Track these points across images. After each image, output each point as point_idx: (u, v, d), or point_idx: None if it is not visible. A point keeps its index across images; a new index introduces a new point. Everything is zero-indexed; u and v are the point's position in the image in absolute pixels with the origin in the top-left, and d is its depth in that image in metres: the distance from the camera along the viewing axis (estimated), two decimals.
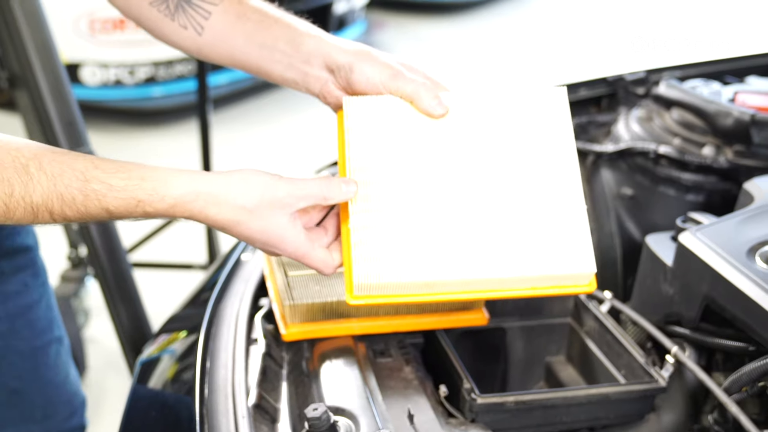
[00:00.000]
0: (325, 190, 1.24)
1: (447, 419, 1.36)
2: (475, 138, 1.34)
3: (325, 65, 1.39)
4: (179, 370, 1.61)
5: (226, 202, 1.19)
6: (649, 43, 7.92)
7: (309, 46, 1.40)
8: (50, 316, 1.90)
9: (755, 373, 1.36)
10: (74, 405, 2.00)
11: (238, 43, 1.43)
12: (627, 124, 2.17)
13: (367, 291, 1.27)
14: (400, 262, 1.26)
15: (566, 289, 1.31)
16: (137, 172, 1.17)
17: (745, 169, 1.93)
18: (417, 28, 8.70)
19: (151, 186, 1.17)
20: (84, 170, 1.15)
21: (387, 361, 1.47)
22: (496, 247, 1.27)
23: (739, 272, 1.41)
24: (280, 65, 1.42)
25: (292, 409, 1.37)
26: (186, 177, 1.19)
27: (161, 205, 1.17)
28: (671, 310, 1.59)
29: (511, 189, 1.31)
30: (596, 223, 2.17)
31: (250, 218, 1.20)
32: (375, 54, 1.38)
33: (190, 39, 1.47)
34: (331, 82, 1.40)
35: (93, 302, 3.56)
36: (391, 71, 1.35)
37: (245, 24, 1.43)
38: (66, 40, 5.36)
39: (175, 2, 1.45)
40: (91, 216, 1.16)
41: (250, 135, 5.91)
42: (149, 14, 1.48)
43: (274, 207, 1.21)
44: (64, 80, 2.43)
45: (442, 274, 1.26)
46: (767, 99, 2.04)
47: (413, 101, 1.34)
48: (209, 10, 1.44)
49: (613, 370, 1.57)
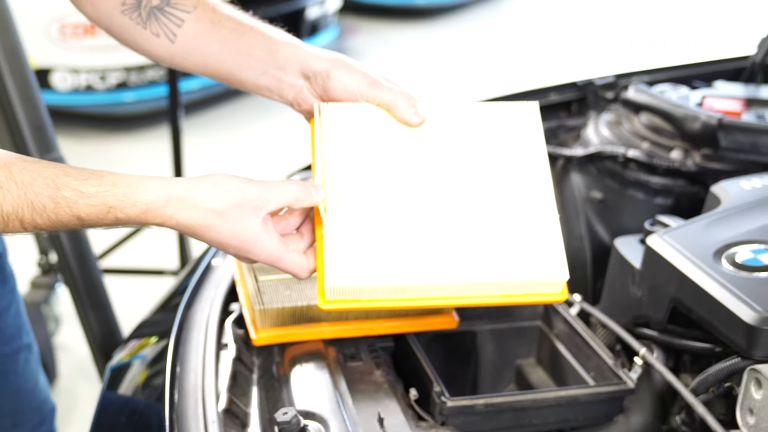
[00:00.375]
0: (296, 192, 1.24)
1: (417, 422, 1.37)
2: (449, 148, 1.35)
3: (301, 72, 1.39)
4: (150, 376, 1.61)
5: (196, 206, 1.19)
6: (619, 47, 7.97)
7: (284, 53, 1.40)
8: (19, 323, 1.89)
9: (721, 373, 1.37)
10: (44, 412, 1.99)
11: (213, 50, 1.43)
12: (596, 128, 2.19)
13: (339, 295, 1.27)
14: (373, 267, 1.26)
15: (538, 297, 1.32)
16: (108, 178, 1.17)
17: (712, 173, 1.95)
18: (390, 33, 8.71)
19: (122, 192, 1.16)
20: (54, 178, 1.14)
21: (357, 364, 1.47)
22: (469, 252, 1.27)
23: (705, 274, 1.42)
24: (255, 72, 1.41)
25: (262, 414, 1.37)
26: (157, 182, 1.19)
27: (133, 211, 1.17)
28: (639, 312, 1.60)
29: (484, 197, 1.32)
30: (566, 227, 2.18)
31: (221, 222, 1.20)
32: (351, 62, 1.38)
33: (162, 47, 1.46)
34: (307, 89, 1.40)
35: (63, 309, 3.54)
36: (368, 79, 1.36)
37: (219, 32, 1.43)
38: (37, 45, 5.33)
39: (147, 10, 1.44)
40: (62, 224, 1.16)
41: (221, 140, 5.89)
42: (120, 22, 1.47)
43: (245, 209, 1.21)
44: (33, 85, 2.41)
45: (415, 279, 1.26)
46: (734, 103, 2.06)
47: (390, 109, 1.35)
48: (182, 18, 1.44)
49: (583, 372, 1.58)
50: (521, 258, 1.28)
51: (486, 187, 1.32)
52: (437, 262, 1.26)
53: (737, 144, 1.92)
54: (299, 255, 1.28)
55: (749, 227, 1.54)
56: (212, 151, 5.68)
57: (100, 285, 2.62)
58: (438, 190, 1.31)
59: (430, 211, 1.29)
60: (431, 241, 1.27)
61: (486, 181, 1.33)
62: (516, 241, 1.29)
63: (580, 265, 2.12)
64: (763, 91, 2.18)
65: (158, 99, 5.69)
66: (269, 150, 5.74)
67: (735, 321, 1.33)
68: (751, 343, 1.31)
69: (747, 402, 1.29)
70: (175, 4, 1.44)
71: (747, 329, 1.31)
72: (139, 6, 1.45)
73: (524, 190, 1.33)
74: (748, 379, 1.28)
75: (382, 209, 1.29)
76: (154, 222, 1.19)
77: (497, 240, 1.29)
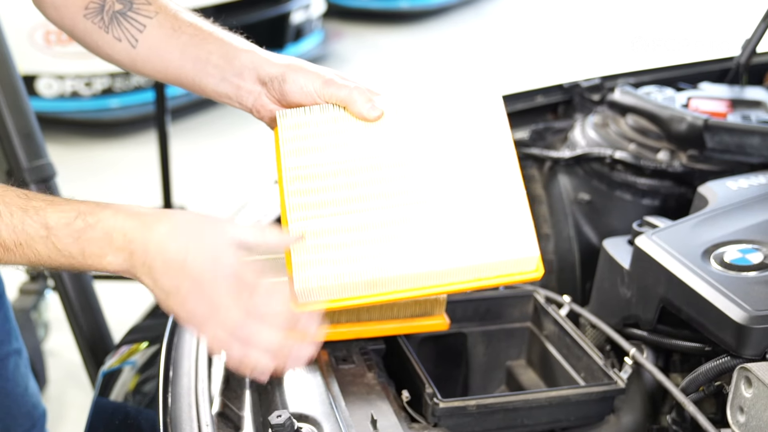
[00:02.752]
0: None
1: (410, 424, 1.38)
2: (410, 138, 1.34)
3: (258, 78, 1.39)
4: (141, 381, 1.61)
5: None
6: (603, 49, 8.00)
7: (242, 59, 1.40)
8: (8, 328, 1.88)
9: (711, 372, 1.38)
10: (34, 417, 1.98)
11: (173, 56, 1.43)
12: (583, 130, 2.20)
13: (310, 296, 1.26)
14: (341, 264, 1.26)
15: (513, 276, 1.30)
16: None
17: (699, 173, 1.96)
18: (374, 37, 8.72)
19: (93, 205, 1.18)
20: (26, 193, 1.17)
21: (349, 367, 1.47)
22: (437, 239, 1.27)
23: (694, 274, 1.43)
24: (214, 79, 1.42)
25: (255, 417, 1.38)
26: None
27: (104, 213, 1.16)
28: (629, 312, 1.61)
29: (449, 183, 1.31)
30: (554, 229, 2.19)
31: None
32: (306, 65, 1.39)
33: (124, 51, 1.46)
34: (265, 95, 1.40)
35: (52, 315, 3.53)
36: (323, 79, 1.36)
37: (180, 37, 1.43)
38: (21, 51, 5.30)
39: (109, 14, 1.45)
40: (27, 234, 1.15)
41: (209, 145, 5.89)
42: (83, 26, 1.48)
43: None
44: (21, 92, 2.41)
45: (384, 271, 1.26)
46: (720, 104, 2.07)
47: (347, 106, 1.35)
48: (144, 23, 1.44)
49: (573, 372, 1.59)
50: (490, 240, 1.27)
51: (450, 172, 1.32)
52: (406, 252, 1.26)
53: (723, 145, 1.93)
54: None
55: (737, 227, 1.55)
56: (199, 156, 5.67)
57: (90, 290, 2.62)
58: (401, 182, 1.30)
59: (395, 203, 1.29)
60: (398, 233, 1.27)
61: (450, 167, 1.32)
62: (483, 224, 1.28)
63: (569, 267, 2.13)
64: (748, 92, 2.20)
65: (144, 105, 5.68)
66: (257, 154, 5.73)
67: (724, 320, 1.34)
68: (740, 342, 1.32)
69: (737, 400, 1.30)
70: (138, 9, 1.45)
71: (736, 328, 1.32)
72: (101, 10, 1.46)
73: (489, 171, 1.32)
74: (738, 378, 1.29)
75: (346, 207, 1.29)
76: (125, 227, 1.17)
77: (465, 224, 1.28)
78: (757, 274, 1.42)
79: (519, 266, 1.29)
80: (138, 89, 5.79)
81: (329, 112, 1.36)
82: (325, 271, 1.25)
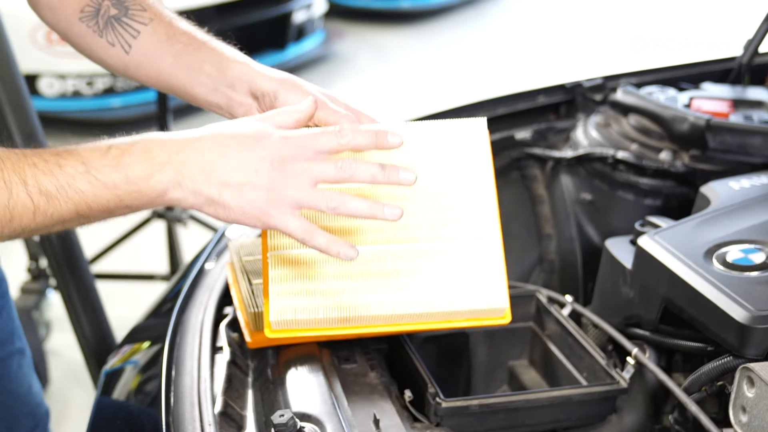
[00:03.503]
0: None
1: (412, 423, 1.37)
2: None
3: (250, 91, 1.40)
4: (143, 381, 1.61)
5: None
6: (605, 49, 8.00)
7: (234, 71, 1.40)
8: (11, 328, 1.89)
9: (714, 372, 1.38)
10: (37, 417, 1.98)
11: (166, 63, 1.44)
12: (585, 130, 2.20)
13: (283, 326, 1.30)
14: (315, 299, 1.29)
15: (482, 321, 1.34)
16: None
17: (701, 173, 1.96)
18: (376, 37, 8.72)
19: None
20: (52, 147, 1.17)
21: (352, 367, 1.47)
22: (411, 283, 1.29)
23: (696, 274, 1.43)
24: (206, 88, 1.42)
25: (258, 416, 1.38)
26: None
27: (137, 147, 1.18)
28: (631, 312, 1.61)
29: (430, 227, 1.33)
30: (556, 229, 2.20)
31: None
32: (300, 83, 1.39)
33: (116, 56, 1.47)
34: (256, 109, 1.41)
35: (54, 314, 3.53)
36: (315, 100, 1.37)
37: (174, 45, 1.44)
38: (23, 51, 5.29)
39: (105, 19, 1.46)
40: (65, 176, 1.14)
41: None
42: (78, 29, 1.49)
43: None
44: (23, 92, 2.41)
45: (359, 309, 1.29)
46: (722, 104, 2.07)
47: None
48: (138, 30, 1.45)
49: (575, 372, 1.59)
50: (465, 289, 1.31)
51: (432, 217, 1.33)
52: (380, 293, 1.27)
53: (725, 145, 1.93)
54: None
55: (739, 227, 1.55)
56: None
57: (92, 290, 2.62)
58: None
59: (376, 241, 1.30)
60: (375, 272, 1.29)
61: (432, 212, 1.33)
62: (460, 273, 1.31)
63: (571, 267, 2.14)
64: (750, 93, 2.20)
65: (146, 104, 5.67)
66: None
67: (727, 320, 1.34)
68: (743, 342, 1.32)
69: (739, 400, 1.30)
70: (133, 15, 1.46)
71: (739, 328, 1.32)
72: (97, 14, 1.47)
73: (470, 211, 1.34)
74: (741, 378, 1.29)
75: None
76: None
77: (442, 271, 1.30)
78: (759, 274, 1.42)
79: (489, 314, 1.34)
80: (140, 89, 5.78)
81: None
82: (301, 303, 1.28)
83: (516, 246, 2.24)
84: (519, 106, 2.27)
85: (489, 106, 2.25)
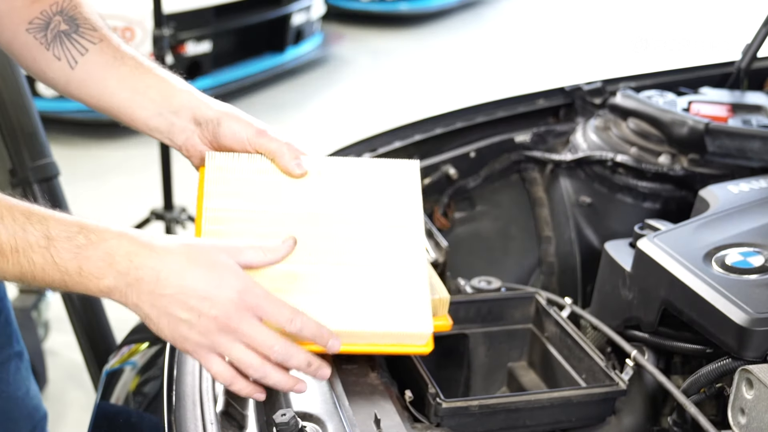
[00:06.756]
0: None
1: (413, 424, 1.38)
2: (328, 200, 1.38)
3: (193, 118, 1.42)
4: (143, 381, 1.61)
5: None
6: (604, 53, 8.02)
7: (180, 98, 1.43)
8: (9, 331, 1.88)
9: (713, 374, 1.39)
10: (35, 420, 1.98)
11: (109, 84, 1.45)
12: (585, 133, 2.21)
13: None
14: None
15: (403, 348, 1.35)
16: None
17: (700, 177, 1.97)
18: (374, 39, 8.73)
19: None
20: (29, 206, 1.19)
21: (352, 367, 1.48)
22: (338, 301, 1.30)
23: (695, 276, 1.44)
24: (147, 112, 1.44)
25: (259, 416, 1.38)
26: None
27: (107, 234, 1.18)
28: (630, 314, 1.62)
29: (357, 250, 1.35)
30: (555, 231, 2.20)
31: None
32: (241, 113, 1.42)
33: (60, 71, 1.47)
34: (197, 135, 1.43)
35: (52, 314, 3.53)
36: (256, 129, 1.40)
37: (120, 68, 1.45)
38: None
39: (54, 32, 1.47)
40: (28, 243, 1.15)
41: None
42: (24, 39, 1.48)
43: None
44: (25, 91, 2.42)
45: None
46: (720, 109, 2.08)
47: (275, 158, 1.38)
48: (87, 47, 1.46)
49: (574, 374, 1.60)
50: (388, 310, 1.31)
51: (360, 241, 1.35)
52: (307, 308, 1.28)
53: (724, 149, 1.94)
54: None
55: (738, 230, 1.56)
56: None
57: None
58: (312, 240, 1.33)
59: (303, 260, 1.32)
60: (301, 288, 1.30)
61: (360, 235, 1.36)
62: (383, 294, 1.32)
63: (570, 269, 2.14)
64: (749, 97, 2.21)
65: None
66: None
67: (726, 322, 1.35)
68: (741, 344, 1.33)
69: (738, 402, 1.30)
70: (83, 33, 1.47)
71: (738, 330, 1.33)
72: (46, 27, 1.47)
73: (397, 244, 1.36)
74: (739, 380, 1.30)
75: None
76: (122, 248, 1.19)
77: (365, 291, 1.32)
78: (758, 277, 1.43)
79: (411, 339, 1.34)
80: None
81: (257, 162, 1.40)
82: None
83: (515, 248, 2.25)
84: (518, 109, 2.28)
85: (488, 109, 2.26)
